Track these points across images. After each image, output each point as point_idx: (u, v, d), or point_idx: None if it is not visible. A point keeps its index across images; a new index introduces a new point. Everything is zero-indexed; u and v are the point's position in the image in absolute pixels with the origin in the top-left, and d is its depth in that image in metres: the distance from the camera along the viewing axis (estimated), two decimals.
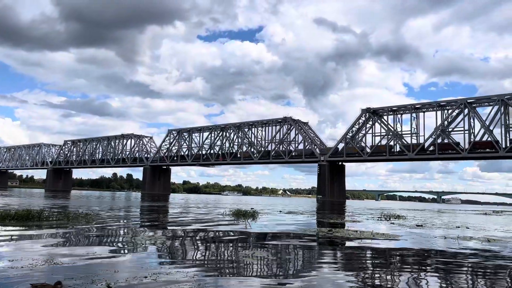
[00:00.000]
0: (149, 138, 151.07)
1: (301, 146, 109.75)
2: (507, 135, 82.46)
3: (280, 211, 34.04)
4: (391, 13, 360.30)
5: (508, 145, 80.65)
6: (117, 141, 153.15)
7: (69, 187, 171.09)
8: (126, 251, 9.45)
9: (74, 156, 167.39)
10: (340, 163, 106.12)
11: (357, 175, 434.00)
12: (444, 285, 6.99)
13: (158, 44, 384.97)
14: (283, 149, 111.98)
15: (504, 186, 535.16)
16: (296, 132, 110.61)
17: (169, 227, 15.94)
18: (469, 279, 7.63)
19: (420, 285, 6.92)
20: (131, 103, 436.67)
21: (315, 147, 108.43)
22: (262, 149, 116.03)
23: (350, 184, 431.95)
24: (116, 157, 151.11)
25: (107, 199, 54.55)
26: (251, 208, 32.00)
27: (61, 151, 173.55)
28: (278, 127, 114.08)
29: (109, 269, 7.01)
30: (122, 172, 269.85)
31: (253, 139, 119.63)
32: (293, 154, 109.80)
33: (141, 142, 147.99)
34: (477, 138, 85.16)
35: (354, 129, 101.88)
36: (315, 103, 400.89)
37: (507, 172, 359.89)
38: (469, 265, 9.22)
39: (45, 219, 16.06)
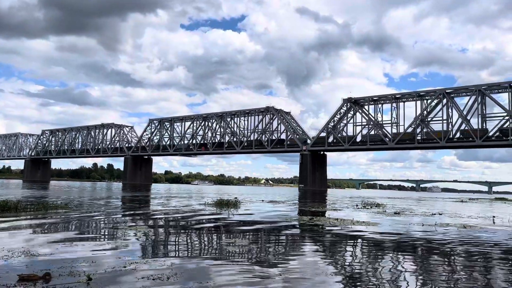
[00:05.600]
0: (130, 127, 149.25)
1: (283, 136, 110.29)
2: (484, 125, 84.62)
3: (263, 200, 34.23)
4: (372, 3, 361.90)
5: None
6: (97, 130, 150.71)
7: (47, 178, 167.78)
8: (105, 241, 9.35)
9: (52, 146, 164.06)
10: (322, 152, 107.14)
11: (339, 164, 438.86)
12: (419, 265, 7.18)
13: (141, 33, 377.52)
14: (266, 138, 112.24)
15: (480, 174, 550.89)
16: (279, 121, 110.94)
17: (150, 217, 15.84)
18: (443, 260, 7.85)
19: (397, 266, 7.08)
20: (111, 92, 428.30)
21: (297, 136, 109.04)
22: (245, 138, 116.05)
23: (332, 173, 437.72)
24: (96, 147, 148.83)
25: (88, 189, 53.81)
26: (234, 198, 32.08)
27: (39, 141, 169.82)
28: (260, 117, 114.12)
29: (88, 260, 6.93)
30: (102, 162, 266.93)
31: (235, 129, 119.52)
32: (275, 143, 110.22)
33: (122, 131, 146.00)
34: (455, 128, 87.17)
35: (335, 118, 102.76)
36: (298, 93, 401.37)
37: (483, 160, 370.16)
38: (443, 248, 9.48)
39: (22, 210, 15.76)
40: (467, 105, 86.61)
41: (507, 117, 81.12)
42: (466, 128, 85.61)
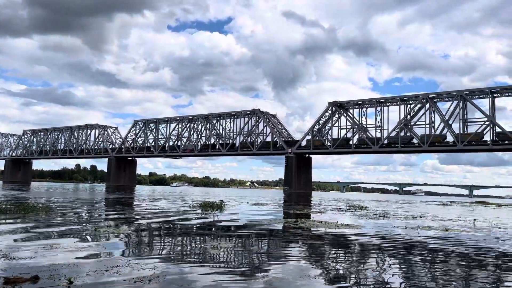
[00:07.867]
0: (114, 128, 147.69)
1: (269, 138, 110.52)
2: (465, 130, 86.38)
3: (248, 203, 34.20)
4: (358, 8, 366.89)
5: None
6: (80, 131, 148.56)
7: (28, 179, 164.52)
8: (87, 244, 9.20)
9: (34, 147, 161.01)
10: (307, 155, 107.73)
11: (324, 167, 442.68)
12: (401, 266, 7.27)
13: (127, 33, 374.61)
14: (251, 141, 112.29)
15: (461, 178, 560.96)
16: (264, 124, 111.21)
17: (133, 220, 15.65)
18: (425, 261, 7.97)
19: (380, 269, 7.16)
20: (96, 92, 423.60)
21: (283, 139, 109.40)
22: (230, 141, 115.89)
23: (317, 175, 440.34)
24: (79, 148, 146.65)
25: (70, 191, 52.91)
26: (219, 200, 31.98)
27: (21, 141, 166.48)
28: (246, 119, 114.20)
29: (69, 263, 6.82)
30: (85, 163, 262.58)
31: (221, 131, 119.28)
32: (261, 146, 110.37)
33: (106, 132, 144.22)
34: (437, 132, 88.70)
35: (321, 122, 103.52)
36: (284, 96, 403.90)
37: (465, 164, 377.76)
38: (424, 250, 9.62)
39: (1, 212, 15.40)
40: (449, 110, 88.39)
41: (487, 122, 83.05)
42: (447, 133, 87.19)
